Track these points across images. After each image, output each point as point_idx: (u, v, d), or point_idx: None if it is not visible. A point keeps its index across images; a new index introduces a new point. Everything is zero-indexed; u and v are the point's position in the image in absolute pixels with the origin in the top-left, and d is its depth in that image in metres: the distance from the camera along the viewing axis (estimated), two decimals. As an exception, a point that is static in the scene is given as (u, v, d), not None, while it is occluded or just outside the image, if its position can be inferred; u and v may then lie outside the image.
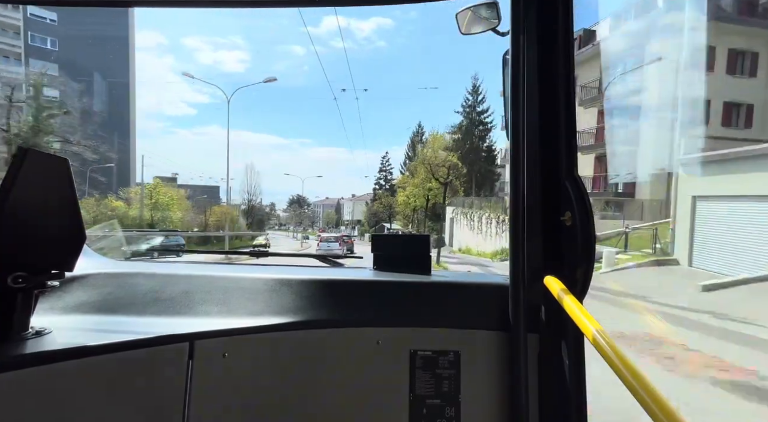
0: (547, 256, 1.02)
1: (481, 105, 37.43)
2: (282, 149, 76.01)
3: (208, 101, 68.33)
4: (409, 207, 31.32)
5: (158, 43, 61.71)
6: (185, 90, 69.42)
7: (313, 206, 73.07)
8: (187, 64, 66.71)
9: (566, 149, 0.99)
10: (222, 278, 1.19)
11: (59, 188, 0.90)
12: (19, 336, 0.86)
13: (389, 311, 1.12)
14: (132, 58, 33.55)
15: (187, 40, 67.60)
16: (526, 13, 1.00)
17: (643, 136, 14.66)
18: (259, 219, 38.77)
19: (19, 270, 0.83)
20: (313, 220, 72.71)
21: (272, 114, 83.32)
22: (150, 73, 60.93)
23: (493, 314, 1.09)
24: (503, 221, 18.50)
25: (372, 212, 46.54)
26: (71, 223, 0.92)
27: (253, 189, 37.86)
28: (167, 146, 63.95)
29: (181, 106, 69.81)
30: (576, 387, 0.95)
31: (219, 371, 0.99)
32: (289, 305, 1.10)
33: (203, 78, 71.60)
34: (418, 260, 1.31)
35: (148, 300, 1.12)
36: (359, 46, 71.19)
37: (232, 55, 72.26)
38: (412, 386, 1.07)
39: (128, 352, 0.90)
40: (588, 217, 0.93)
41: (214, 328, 1.00)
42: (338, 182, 72.23)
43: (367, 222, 49.24)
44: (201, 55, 67.46)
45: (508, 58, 1.05)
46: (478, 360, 1.08)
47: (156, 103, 65.00)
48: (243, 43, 73.37)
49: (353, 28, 68.12)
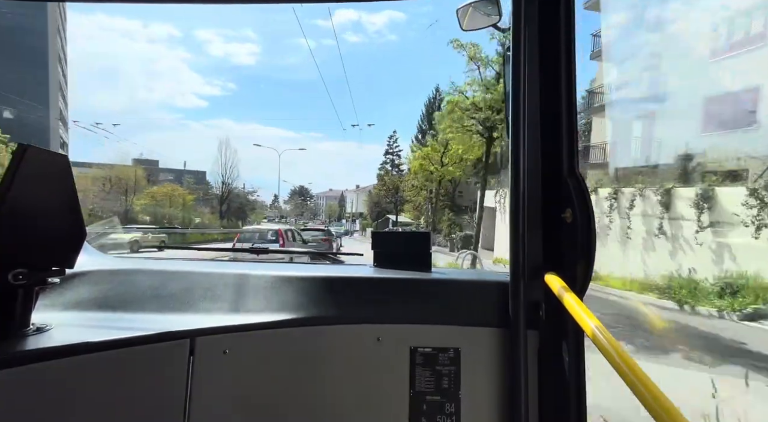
0: (548, 253, 1.02)
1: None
2: (292, 142, 76.16)
3: (220, 94, 68.17)
4: (420, 191, 24.87)
5: (170, 34, 61.25)
6: (197, 82, 69.33)
7: (316, 198, 72.65)
8: (198, 57, 66.58)
9: (567, 146, 0.99)
10: (223, 274, 1.19)
11: (59, 185, 0.90)
12: (20, 333, 0.87)
13: (390, 308, 1.12)
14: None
15: (200, 32, 67.46)
16: (527, 8, 0.99)
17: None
18: (238, 208, 31.39)
19: (19, 267, 0.84)
20: (315, 212, 72.25)
21: (282, 108, 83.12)
22: (162, 64, 60.51)
23: (493, 311, 1.09)
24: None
25: (374, 201, 39.49)
26: (71, 220, 0.92)
27: (230, 170, 30.15)
28: (178, 137, 63.34)
29: (191, 98, 69.72)
30: (576, 383, 0.96)
31: (220, 368, 0.99)
32: (289, 302, 1.11)
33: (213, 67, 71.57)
34: (419, 257, 1.31)
35: (149, 297, 1.12)
36: (370, 39, 70.20)
37: (243, 48, 71.89)
38: (413, 382, 1.08)
39: (129, 349, 0.90)
40: (588, 214, 0.93)
41: (215, 325, 1.01)
42: (344, 174, 71.30)
43: (369, 214, 42.54)
44: (212, 47, 67.31)
45: (509, 54, 1.04)
46: (479, 356, 1.09)
47: (169, 95, 64.66)
48: (254, 36, 72.83)
49: (364, 22, 67.09)
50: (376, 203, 39.61)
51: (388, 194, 35.53)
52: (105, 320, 1.04)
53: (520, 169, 1.02)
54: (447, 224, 23.04)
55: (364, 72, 73.81)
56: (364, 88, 70.21)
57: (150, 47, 55.69)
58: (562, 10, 0.97)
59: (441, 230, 22.64)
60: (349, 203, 59.89)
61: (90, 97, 51.82)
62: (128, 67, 58.27)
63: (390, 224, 33.05)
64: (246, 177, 37.94)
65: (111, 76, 60.79)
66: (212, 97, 67.45)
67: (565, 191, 0.97)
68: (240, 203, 32.92)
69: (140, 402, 0.92)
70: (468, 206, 23.84)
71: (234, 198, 30.46)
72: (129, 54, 57.75)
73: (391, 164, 39.10)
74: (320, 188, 71.65)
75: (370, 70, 68.19)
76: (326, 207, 68.61)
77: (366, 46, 69.44)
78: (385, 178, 38.20)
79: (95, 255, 1.34)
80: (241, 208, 32.85)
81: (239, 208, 32.51)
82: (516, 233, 1.03)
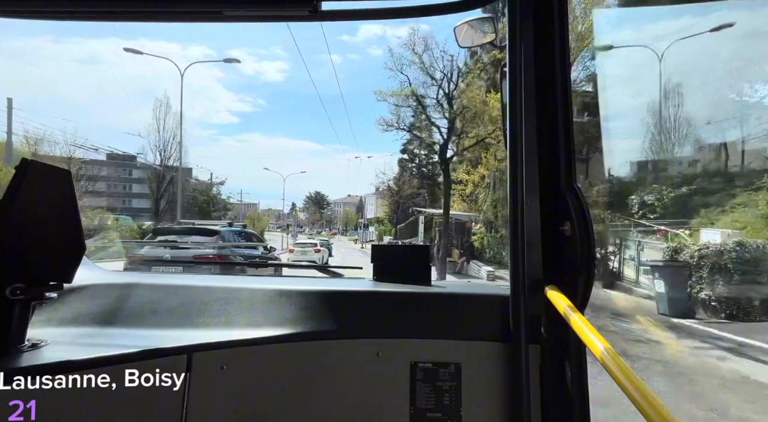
0: (547, 266, 1.01)
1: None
2: (317, 154, 76.58)
3: (251, 110, 70.67)
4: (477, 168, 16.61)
5: (205, 54, 65.01)
6: (230, 99, 73.88)
7: (333, 205, 65.62)
8: (230, 75, 70.89)
9: (565, 160, 0.99)
10: (220, 289, 1.18)
11: (60, 200, 0.91)
12: (15, 349, 0.87)
13: (389, 322, 1.11)
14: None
15: (233, 52, 70.68)
16: (522, 25, 1.01)
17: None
18: (191, 204, 20.86)
19: (17, 282, 0.83)
20: (331, 220, 65.00)
21: (309, 121, 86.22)
22: (199, 83, 65.20)
23: (493, 326, 1.08)
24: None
25: (397, 198, 29.23)
26: (71, 235, 0.92)
27: (170, 145, 20.13)
28: (213, 152, 65.46)
29: (225, 114, 73.46)
30: (579, 398, 0.94)
31: (217, 383, 0.98)
32: (288, 316, 1.09)
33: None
34: (419, 271, 1.30)
35: (146, 312, 1.11)
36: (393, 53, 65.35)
37: (273, 66, 74.80)
38: (413, 399, 1.06)
39: (126, 365, 0.89)
40: (587, 227, 0.93)
41: (212, 340, 0.99)
42: (364, 182, 65.99)
43: (388, 217, 34.14)
44: (244, 65, 71.05)
45: (506, 70, 1.06)
46: (480, 372, 1.07)
47: (204, 112, 70.74)
48: (283, 53, 75.17)
49: (389, 35, 63.50)
50: (397, 201, 29.96)
51: (414, 182, 25.87)
52: (101, 335, 1.02)
53: (518, 182, 1.02)
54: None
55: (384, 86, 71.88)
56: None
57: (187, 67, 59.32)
58: (556, 25, 0.99)
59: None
60: (369, 208, 51.35)
61: (129, 114, 53.08)
62: (167, 87, 62.84)
63: (421, 224, 22.54)
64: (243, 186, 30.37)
65: (150, 96, 66.75)
66: (243, 114, 69.26)
67: (564, 204, 0.97)
68: (204, 200, 22.71)
69: (137, 419, 0.91)
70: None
71: (182, 190, 20.52)
72: (167, 74, 62.79)
73: (419, 142, 25.89)
74: (338, 195, 65.18)
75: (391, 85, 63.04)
76: (342, 214, 60.81)
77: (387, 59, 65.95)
78: (415, 152, 28.26)
79: (93, 269, 1.32)
80: (203, 205, 22.50)
81: (201, 205, 22.19)
82: (515, 246, 1.02)
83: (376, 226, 40.94)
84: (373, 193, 49.16)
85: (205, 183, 25.04)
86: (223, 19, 1.04)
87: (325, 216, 66.02)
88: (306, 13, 0.99)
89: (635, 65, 11.74)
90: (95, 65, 54.06)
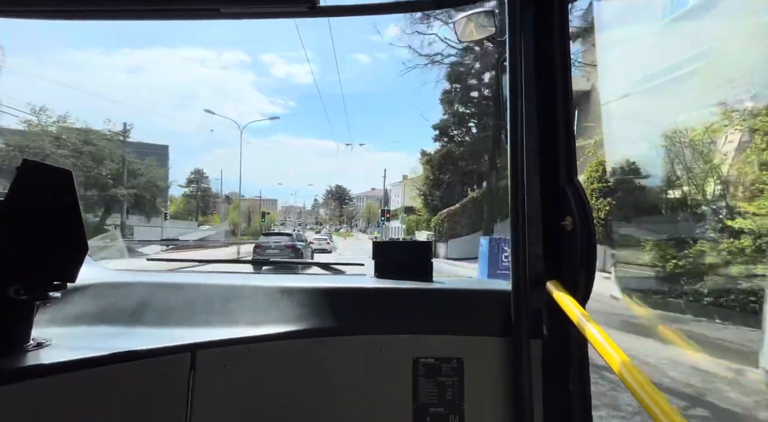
0: (549, 261, 1.02)
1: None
2: (340, 153, 76.10)
3: (281, 111, 71.08)
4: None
5: (240, 60, 66.50)
6: (262, 102, 75.26)
7: (356, 200, 59.79)
8: (262, 78, 72.92)
9: (565, 154, 1.00)
10: (223, 287, 1.19)
11: (62, 200, 0.91)
12: (20, 348, 0.87)
13: (391, 318, 1.12)
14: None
15: (265, 56, 71.28)
16: (523, 17, 1.01)
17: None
18: (110, 198, 17.87)
19: (20, 281, 0.84)
20: (353, 216, 58.88)
21: (336, 121, 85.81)
22: (233, 86, 58.95)
23: (495, 321, 1.08)
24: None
25: (433, 178, 22.29)
26: (74, 234, 0.92)
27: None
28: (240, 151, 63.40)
29: (256, 116, 74.09)
30: (580, 392, 0.95)
31: (221, 381, 0.99)
32: (290, 313, 1.10)
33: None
34: (420, 267, 1.30)
35: (150, 310, 1.12)
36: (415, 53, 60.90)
37: (302, 68, 74.64)
38: (416, 394, 1.07)
39: (129, 363, 0.89)
40: (588, 221, 0.93)
41: (215, 338, 1.00)
42: (390, 179, 60.76)
43: (425, 203, 24.22)
44: (275, 69, 72.03)
45: (505, 64, 1.06)
46: (482, 366, 1.07)
47: (237, 116, 73.16)
48: (312, 55, 74.44)
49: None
50: (437, 181, 23.41)
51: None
52: (105, 334, 1.03)
53: (518, 176, 1.02)
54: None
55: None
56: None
57: (222, 73, 55.90)
58: (557, 18, 0.99)
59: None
60: (393, 200, 44.90)
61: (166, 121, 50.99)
62: (202, 92, 63.31)
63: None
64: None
65: (188, 100, 68.86)
66: (274, 115, 69.46)
67: (564, 199, 0.97)
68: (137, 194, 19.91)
69: (141, 418, 0.91)
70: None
71: (145, 186, 18.63)
72: (203, 80, 67.03)
73: (457, 120, 21.23)
74: (361, 189, 59.56)
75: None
76: (365, 208, 54.65)
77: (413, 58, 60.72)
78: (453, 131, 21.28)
79: (96, 268, 1.33)
80: (141, 199, 20.03)
81: (136, 199, 19.73)
82: (516, 240, 1.02)
83: (402, 217, 33.47)
84: (399, 181, 42.85)
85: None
86: (220, 16, 1.04)
87: (345, 212, 60.00)
88: (304, 9, 1.00)
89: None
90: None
